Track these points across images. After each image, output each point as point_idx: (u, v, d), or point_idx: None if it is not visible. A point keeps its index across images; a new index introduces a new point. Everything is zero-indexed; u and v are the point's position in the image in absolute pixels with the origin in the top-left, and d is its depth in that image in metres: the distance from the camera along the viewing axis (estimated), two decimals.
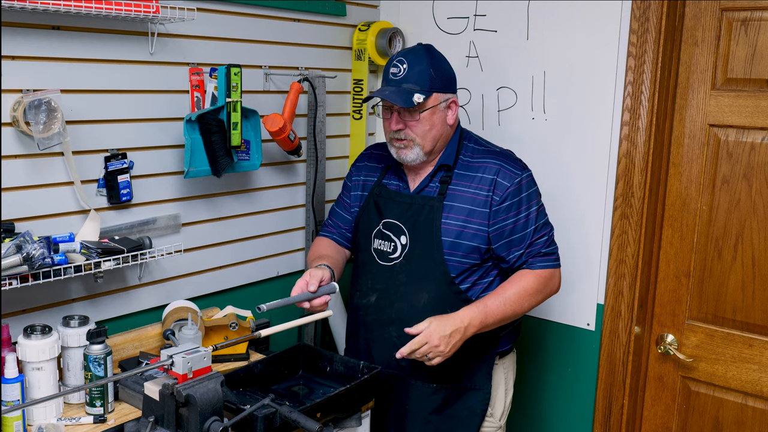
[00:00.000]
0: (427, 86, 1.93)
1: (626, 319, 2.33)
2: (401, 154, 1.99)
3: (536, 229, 1.98)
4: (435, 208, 1.97)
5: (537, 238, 1.98)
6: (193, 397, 1.47)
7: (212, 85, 2.16)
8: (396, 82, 1.94)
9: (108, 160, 2.00)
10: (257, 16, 2.36)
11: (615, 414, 2.40)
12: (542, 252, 1.99)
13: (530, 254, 1.98)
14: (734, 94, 2.15)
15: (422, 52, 1.97)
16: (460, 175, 1.99)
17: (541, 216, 2.01)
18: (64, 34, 1.88)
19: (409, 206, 2.02)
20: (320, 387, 1.97)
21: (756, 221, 2.15)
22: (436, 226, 1.96)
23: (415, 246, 1.99)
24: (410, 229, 2.00)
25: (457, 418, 2.03)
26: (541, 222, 2.00)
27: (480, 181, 1.97)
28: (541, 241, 1.99)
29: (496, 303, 1.92)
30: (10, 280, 1.68)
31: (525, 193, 1.97)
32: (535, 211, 1.98)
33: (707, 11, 2.17)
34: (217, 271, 2.38)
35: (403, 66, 1.94)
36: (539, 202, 2.01)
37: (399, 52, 1.99)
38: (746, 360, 2.21)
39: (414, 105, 1.90)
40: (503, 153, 2.03)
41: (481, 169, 1.98)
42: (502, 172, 1.96)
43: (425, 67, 1.94)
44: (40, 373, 1.73)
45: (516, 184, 1.96)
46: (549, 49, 2.41)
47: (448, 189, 1.98)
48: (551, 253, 2.01)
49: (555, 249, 2.03)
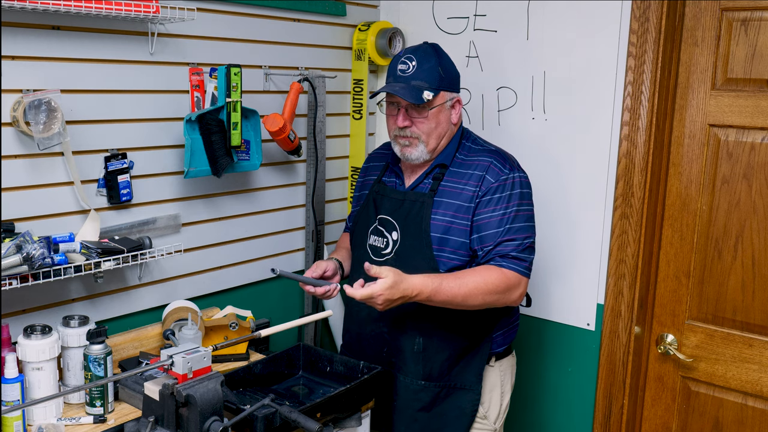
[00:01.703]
0: (435, 84, 1.93)
1: (626, 319, 2.33)
2: (406, 152, 1.99)
3: (510, 229, 1.91)
4: (425, 204, 1.98)
5: (508, 239, 1.91)
6: (193, 397, 1.47)
7: (212, 85, 2.16)
8: (405, 78, 1.95)
9: (108, 160, 2.00)
10: (257, 16, 2.36)
11: (615, 414, 2.40)
12: (511, 255, 1.91)
13: (498, 253, 1.91)
14: (734, 94, 2.15)
15: (430, 50, 1.98)
16: (453, 173, 1.99)
17: (521, 219, 1.93)
18: (64, 34, 1.88)
19: (401, 202, 2.03)
20: (320, 387, 1.97)
21: (756, 221, 2.15)
22: (426, 222, 1.96)
23: (405, 242, 1.99)
24: (401, 225, 2.01)
25: (445, 417, 2.02)
26: (519, 225, 1.93)
27: (470, 178, 1.96)
28: (513, 243, 1.91)
29: (452, 285, 1.86)
30: (10, 280, 1.68)
31: (509, 191, 1.94)
32: (513, 212, 1.92)
33: (707, 11, 2.17)
34: (217, 271, 2.38)
35: (412, 63, 1.95)
36: (524, 206, 1.95)
37: (406, 49, 1.99)
38: (746, 360, 2.21)
39: (423, 102, 1.91)
40: (498, 152, 2.01)
41: (473, 166, 1.98)
42: (492, 169, 1.95)
43: (434, 65, 1.94)
44: (40, 373, 1.73)
45: (501, 181, 1.94)
46: (549, 49, 2.41)
47: (439, 186, 1.99)
48: (523, 259, 1.92)
49: (528, 258, 1.94)
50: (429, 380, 2.00)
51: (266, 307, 2.51)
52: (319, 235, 2.64)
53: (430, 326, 1.98)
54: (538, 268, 2.51)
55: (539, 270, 2.50)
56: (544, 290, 2.51)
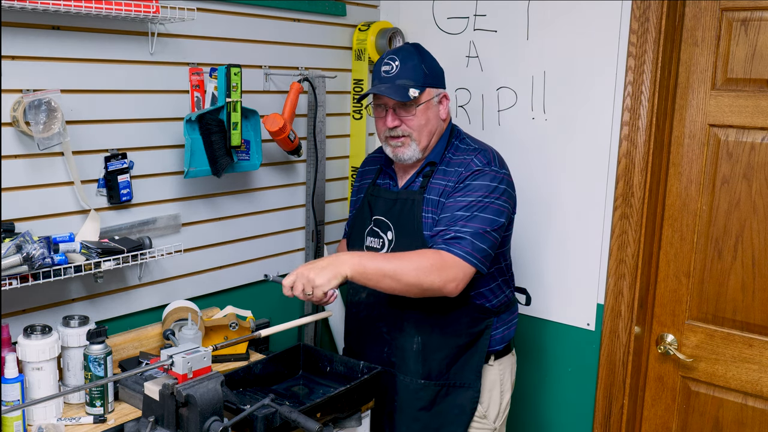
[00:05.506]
0: (420, 81, 1.95)
1: (626, 319, 2.33)
2: (398, 152, 2.00)
3: (465, 216, 1.85)
4: (416, 202, 1.98)
5: (460, 222, 1.85)
6: (193, 397, 1.47)
7: (212, 85, 2.16)
8: (389, 79, 1.96)
9: (108, 160, 2.00)
10: (257, 16, 2.36)
11: (615, 414, 2.40)
12: (452, 238, 1.83)
13: (444, 236, 1.85)
14: (734, 94, 2.15)
15: (412, 49, 2.00)
16: (441, 171, 2.00)
17: (481, 210, 1.86)
18: (64, 34, 1.88)
19: (394, 202, 2.03)
20: (320, 387, 1.97)
21: (756, 221, 2.15)
22: (417, 220, 1.96)
23: (400, 241, 1.99)
24: (395, 224, 2.01)
25: (446, 416, 2.03)
26: (476, 214, 1.85)
27: (453, 174, 1.97)
28: (464, 230, 1.83)
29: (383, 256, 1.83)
30: (10, 280, 1.68)
31: (477, 181, 1.90)
32: (475, 201, 1.87)
33: (707, 11, 2.17)
34: (217, 271, 2.38)
35: (395, 63, 1.96)
36: (489, 199, 1.88)
37: (388, 52, 2.02)
38: (746, 360, 2.21)
39: (410, 99, 1.92)
40: (483, 150, 1.99)
41: (458, 164, 1.98)
42: (470, 164, 1.95)
43: (417, 63, 1.96)
44: (40, 373, 1.73)
45: (471, 171, 1.93)
46: (549, 49, 2.41)
47: (429, 183, 1.99)
48: (466, 245, 1.82)
49: (476, 246, 1.83)
50: (429, 379, 2.01)
51: (266, 307, 2.51)
52: (319, 235, 2.64)
53: (429, 325, 1.99)
54: (538, 267, 2.51)
55: (539, 270, 2.51)
56: (544, 290, 2.51)
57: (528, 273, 2.53)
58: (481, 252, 1.85)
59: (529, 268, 2.53)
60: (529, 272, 2.53)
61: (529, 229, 2.50)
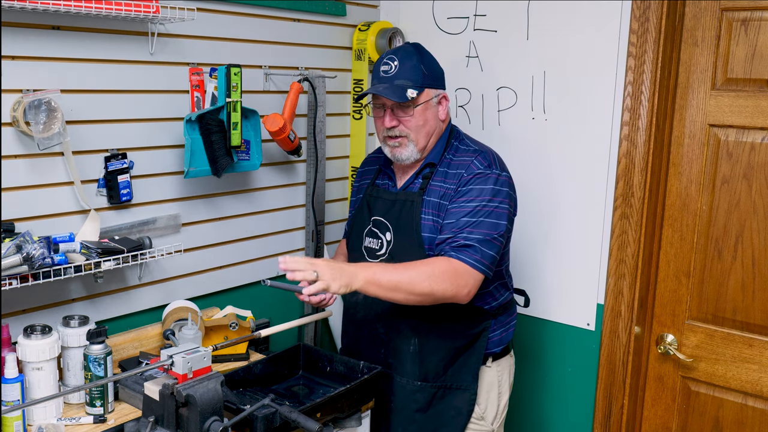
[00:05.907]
0: (419, 82, 1.94)
1: (626, 319, 2.33)
2: (396, 153, 1.99)
3: (471, 222, 1.85)
4: (415, 204, 1.98)
5: (467, 228, 1.85)
6: (193, 397, 1.47)
7: (212, 85, 2.16)
8: (388, 79, 1.95)
9: (108, 160, 2.00)
10: (257, 16, 2.36)
11: (615, 414, 2.40)
12: (462, 245, 1.84)
13: (450, 244, 1.85)
14: (734, 94, 2.15)
15: (411, 49, 1.99)
16: (440, 172, 1.99)
17: (487, 215, 1.86)
18: (64, 34, 1.88)
19: (393, 203, 2.03)
20: (320, 387, 1.97)
21: (756, 221, 2.15)
22: (416, 222, 1.96)
23: (398, 242, 1.99)
24: (394, 225, 2.01)
25: (442, 418, 2.02)
26: (482, 219, 1.86)
27: (453, 177, 1.96)
28: (472, 237, 1.84)
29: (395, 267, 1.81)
30: (10, 280, 1.68)
31: (480, 185, 1.90)
32: (480, 206, 1.87)
33: (707, 11, 2.17)
34: (217, 271, 2.38)
35: (394, 63, 1.95)
36: (494, 203, 1.88)
37: (387, 51, 2.01)
38: (746, 360, 2.21)
39: (408, 100, 1.91)
40: (483, 152, 1.99)
41: (458, 166, 1.97)
42: (470, 166, 1.94)
43: (416, 63, 1.95)
44: (40, 373, 1.73)
45: (473, 175, 1.92)
46: (549, 49, 2.41)
47: (428, 185, 1.99)
48: (475, 252, 1.84)
49: (484, 253, 1.84)
50: (425, 381, 2.00)
51: (266, 307, 2.52)
52: (319, 235, 2.64)
53: (426, 327, 1.98)
54: (538, 267, 2.51)
55: (539, 270, 2.51)
56: (544, 290, 2.51)
57: (528, 273, 2.53)
58: (490, 259, 1.87)
59: (529, 267, 2.53)
60: (529, 272, 2.53)
61: (529, 229, 2.50)
